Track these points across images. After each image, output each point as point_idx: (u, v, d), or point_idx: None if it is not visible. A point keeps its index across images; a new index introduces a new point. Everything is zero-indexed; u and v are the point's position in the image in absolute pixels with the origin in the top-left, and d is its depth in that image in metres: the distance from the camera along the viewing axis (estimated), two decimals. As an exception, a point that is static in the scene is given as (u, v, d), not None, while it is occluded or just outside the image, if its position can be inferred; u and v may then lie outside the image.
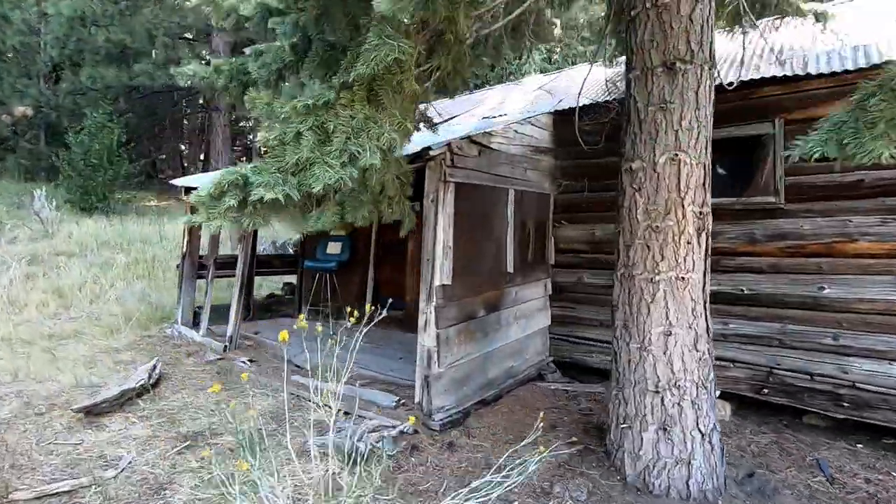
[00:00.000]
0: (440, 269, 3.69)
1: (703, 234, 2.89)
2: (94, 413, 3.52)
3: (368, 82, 1.90)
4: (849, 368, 3.71)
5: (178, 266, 6.46)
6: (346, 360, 5.10)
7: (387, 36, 1.71)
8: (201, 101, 23.82)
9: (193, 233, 6.31)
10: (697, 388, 2.84)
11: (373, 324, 6.36)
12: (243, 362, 4.96)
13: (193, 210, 2.45)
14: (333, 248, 6.77)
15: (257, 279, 7.70)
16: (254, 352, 5.44)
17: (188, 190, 6.31)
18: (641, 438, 2.91)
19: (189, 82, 3.14)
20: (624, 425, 2.99)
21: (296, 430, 3.44)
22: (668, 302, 2.85)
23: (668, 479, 2.84)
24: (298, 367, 5.01)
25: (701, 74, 2.87)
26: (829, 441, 3.82)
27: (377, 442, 3.13)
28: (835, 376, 3.77)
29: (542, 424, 3.80)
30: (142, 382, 3.96)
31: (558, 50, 15.30)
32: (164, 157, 24.61)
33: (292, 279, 8.62)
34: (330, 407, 3.82)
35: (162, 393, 4.08)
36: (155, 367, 4.33)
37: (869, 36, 4.14)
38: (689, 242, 2.84)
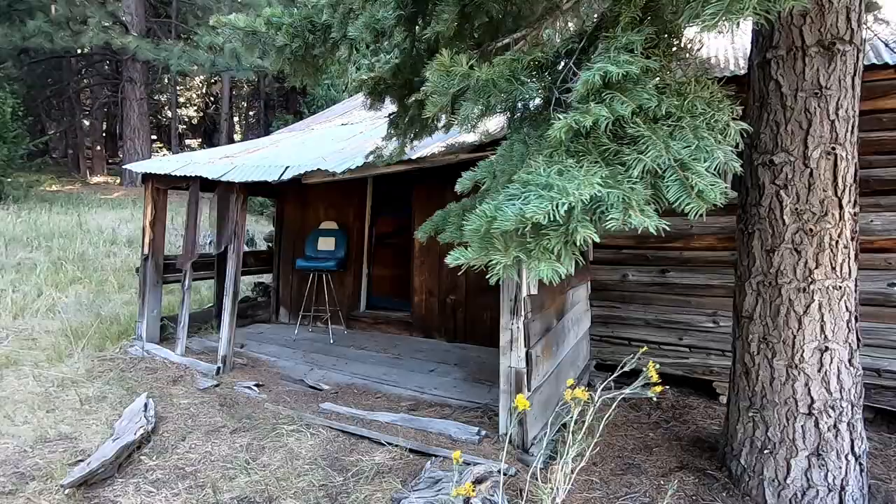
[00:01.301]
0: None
1: (857, 237, 2.61)
2: (89, 484, 2.62)
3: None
4: (919, 364, 3.71)
5: (137, 270, 5.31)
6: (367, 376, 4.41)
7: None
8: (107, 68, 20.79)
9: (157, 230, 5.20)
10: (853, 407, 2.59)
11: (375, 329, 5.62)
12: (248, 388, 4.11)
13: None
14: (326, 243, 5.94)
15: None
16: (252, 371, 4.58)
17: (147, 177, 5.18)
18: (788, 465, 2.62)
19: (228, 37, 2.29)
20: (765, 451, 2.68)
21: (369, 482, 2.78)
22: (824, 314, 2.54)
23: (818, 507, 2.57)
24: (315, 388, 4.27)
25: (858, 58, 2.56)
26: (890, 434, 3.83)
27: (491, 494, 2.57)
28: (904, 372, 3.76)
29: (635, 445, 3.46)
30: (142, 430, 3.06)
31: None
32: (58, 133, 21.23)
33: (261, 278, 7.61)
34: (396, 445, 3.19)
35: (166, 441, 3.19)
36: (147, 405, 3.41)
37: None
38: (845, 247, 2.55)
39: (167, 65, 13.65)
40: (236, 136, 25.23)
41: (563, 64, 1.54)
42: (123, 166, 5.68)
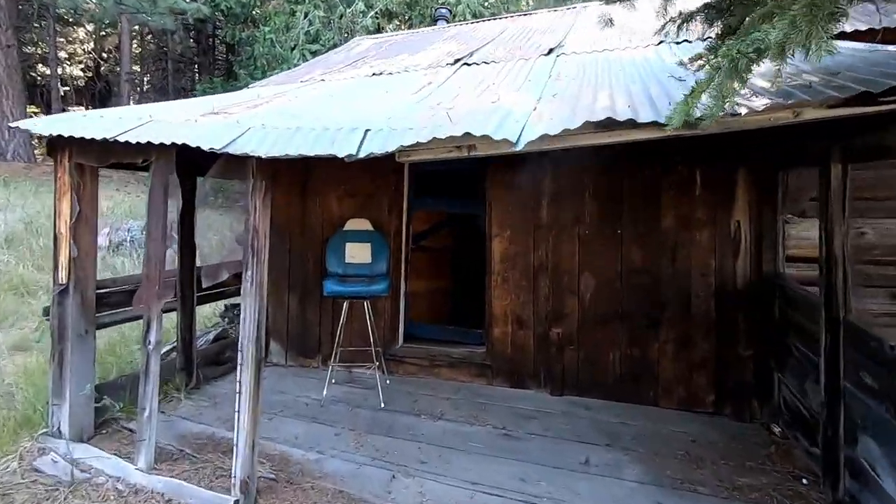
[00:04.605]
0: None
1: None
2: None
3: None
4: None
5: (46, 311, 3.00)
6: (495, 485, 2.68)
7: None
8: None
9: (83, 238, 2.93)
10: None
11: (430, 374, 3.84)
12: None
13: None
14: (358, 252, 3.94)
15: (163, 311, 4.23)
16: (293, 493, 2.58)
17: (61, 144, 2.89)
18: None
19: None
20: None
21: None
22: None
23: None
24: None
25: None
26: None
27: None
28: None
29: None
30: None
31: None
32: None
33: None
34: None
35: None
36: None
37: None
38: None
39: (52, 2, 10.19)
40: (131, 104, 20.90)
41: None
42: (10, 125, 3.21)
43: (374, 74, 4.23)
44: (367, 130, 2.31)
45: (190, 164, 2.88)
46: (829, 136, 2.47)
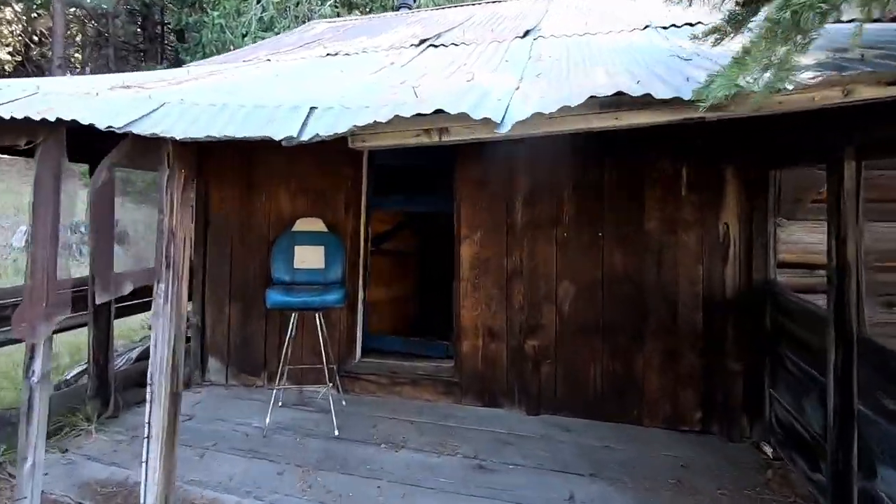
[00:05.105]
0: None
1: None
2: None
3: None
4: None
5: None
6: None
7: None
8: None
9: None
10: None
11: (391, 393, 3.35)
12: None
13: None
14: (309, 256, 3.44)
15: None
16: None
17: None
18: None
19: None
20: None
21: None
22: None
23: None
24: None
25: None
26: None
27: None
28: None
29: None
30: None
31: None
32: None
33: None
34: None
35: None
36: None
37: None
38: None
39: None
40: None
41: None
42: None
43: (328, 55, 3.74)
44: (312, 108, 1.86)
45: (101, 152, 2.33)
46: (842, 128, 2.20)
